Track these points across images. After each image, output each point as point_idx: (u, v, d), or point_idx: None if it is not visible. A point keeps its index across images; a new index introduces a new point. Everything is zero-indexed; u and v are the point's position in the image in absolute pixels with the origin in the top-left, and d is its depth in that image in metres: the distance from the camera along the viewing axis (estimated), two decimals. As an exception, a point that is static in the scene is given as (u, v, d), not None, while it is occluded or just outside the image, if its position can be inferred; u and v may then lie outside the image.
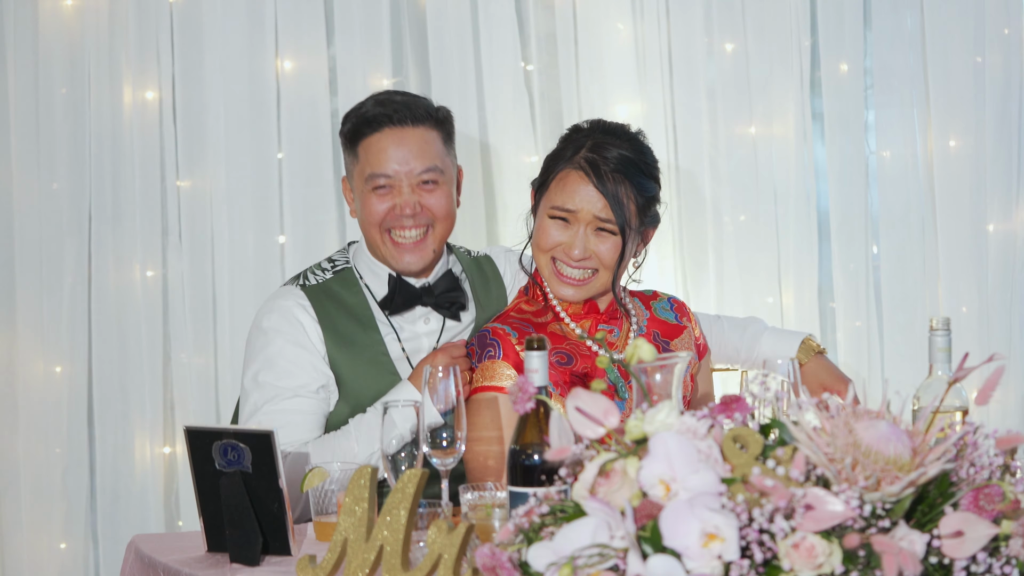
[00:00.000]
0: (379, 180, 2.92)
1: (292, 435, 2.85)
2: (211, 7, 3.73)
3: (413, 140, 2.93)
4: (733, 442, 1.88)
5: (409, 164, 2.92)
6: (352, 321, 2.95)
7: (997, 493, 1.87)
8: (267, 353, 2.91)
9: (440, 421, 2.47)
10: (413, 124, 2.93)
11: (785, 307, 4.01)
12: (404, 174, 2.92)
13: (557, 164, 2.89)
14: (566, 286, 2.88)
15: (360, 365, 2.92)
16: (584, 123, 2.96)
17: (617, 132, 2.91)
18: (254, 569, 2.40)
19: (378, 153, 2.92)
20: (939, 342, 2.67)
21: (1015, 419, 4.05)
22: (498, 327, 2.91)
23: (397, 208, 2.92)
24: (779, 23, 3.95)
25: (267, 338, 2.92)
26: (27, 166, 3.69)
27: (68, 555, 3.73)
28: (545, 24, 3.93)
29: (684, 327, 3.06)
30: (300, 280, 2.99)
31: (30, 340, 3.71)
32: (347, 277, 3.00)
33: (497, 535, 2.01)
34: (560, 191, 2.86)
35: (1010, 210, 4.05)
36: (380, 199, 2.92)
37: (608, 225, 2.84)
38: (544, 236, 2.88)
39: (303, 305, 2.93)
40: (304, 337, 2.91)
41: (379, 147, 2.92)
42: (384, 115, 2.93)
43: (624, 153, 2.85)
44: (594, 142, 2.87)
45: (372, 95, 3.03)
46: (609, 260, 2.86)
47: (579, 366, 2.89)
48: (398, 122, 2.92)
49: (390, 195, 2.92)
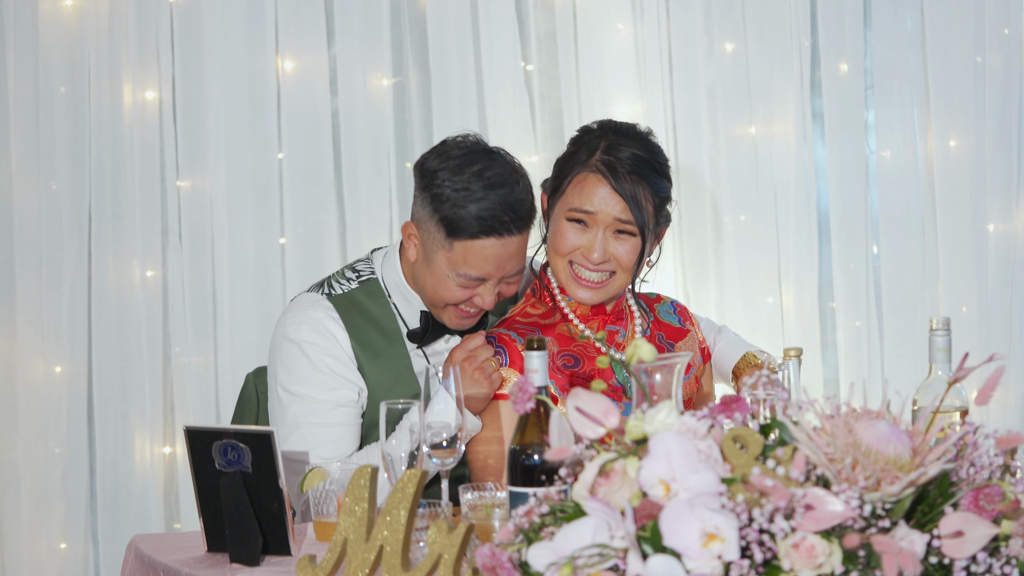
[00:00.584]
0: (470, 276, 2.80)
1: (337, 449, 2.82)
2: (211, 7, 3.73)
3: (515, 247, 2.81)
4: (733, 442, 1.88)
5: (505, 268, 2.81)
6: (379, 334, 2.92)
7: (997, 493, 1.87)
8: (302, 365, 2.86)
9: (456, 421, 2.46)
10: (520, 232, 2.80)
11: (785, 307, 4.01)
12: (498, 275, 2.82)
13: (572, 167, 2.85)
14: (584, 289, 2.86)
15: (386, 377, 2.89)
16: (593, 124, 2.93)
17: (629, 132, 2.89)
18: (254, 569, 2.40)
19: (478, 259, 2.79)
20: (939, 342, 2.67)
21: (1015, 419, 4.06)
22: (504, 333, 2.88)
23: (476, 299, 2.82)
24: (779, 23, 3.95)
25: (301, 349, 2.86)
26: (27, 166, 3.69)
27: (68, 555, 3.72)
28: (545, 24, 3.93)
29: (688, 330, 3.06)
30: (325, 288, 2.93)
31: (30, 340, 3.71)
32: (373, 288, 2.94)
33: (497, 535, 2.01)
34: (578, 194, 2.83)
35: (1010, 210, 4.05)
36: (463, 289, 2.81)
37: (627, 227, 2.82)
38: (562, 240, 2.85)
39: (333, 317, 2.88)
40: (338, 349, 2.86)
41: (481, 254, 2.78)
42: (495, 228, 2.76)
43: (638, 153, 2.84)
44: (608, 143, 2.84)
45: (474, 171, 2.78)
46: (628, 262, 2.85)
47: (586, 368, 2.88)
48: (507, 235, 2.78)
49: (473, 287, 2.82)
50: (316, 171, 3.81)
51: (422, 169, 2.84)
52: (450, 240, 2.78)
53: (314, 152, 3.81)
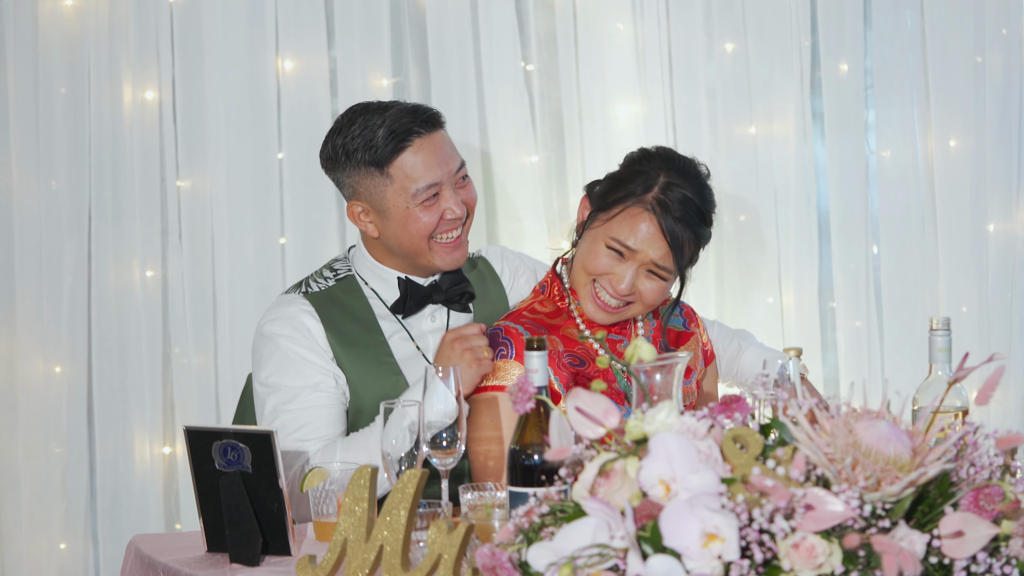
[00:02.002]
0: (431, 191, 2.87)
1: (317, 431, 2.84)
2: (211, 7, 3.73)
3: (439, 142, 2.90)
4: (733, 442, 1.88)
5: (448, 165, 2.90)
6: (355, 324, 2.95)
7: (997, 493, 1.87)
8: (276, 358, 2.89)
9: (452, 417, 2.46)
10: (431, 129, 2.91)
11: (785, 307, 4.01)
12: (446, 177, 2.89)
13: (625, 196, 2.83)
14: (600, 311, 2.87)
15: (364, 366, 2.92)
16: (654, 150, 2.91)
17: (689, 172, 2.87)
18: (254, 569, 2.40)
19: (417, 167, 2.87)
20: (939, 342, 2.67)
21: (1015, 419, 4.05)
22: (511, 326, 2.89)
23: (447, 213, 2.89)
24: (779, 23, 3.95)
25: (274, 343, 2.90)
26: (27, 166, 3.69)
27: (68, 555, 3.72)
28: (545, 24, 3.93)
29: (692, 333, 3.06)
30: (302, 288, 2.98)
31: (30, 340, 3.71)
32: (350, 284, 2.99)
33: (497, 535, 2.01)
34: (626, 228, 2.82)
35: (1010, 210, 4.05)
36: (428, 211, 2.88)
37: (662, 272, 2.84)
38: (595, 261, 2.84)
39: (307, 311, 2.92)
40: (311, 341, 2.89)
41: (415, 161, 2.87)
42: (410, 131, 2.87)
43: (692, 198, 2.82)
44: (667, 181, 2.82)
45: (362, 115, 2.92)
46: (650, 300, 2.87)
47: (591, 369, 2.88)
48: (422, 133, 2.88)
49: (436, 203, 2.89)
50: (316, 171, 3.78)
51: (325, 158, 2.98)
52: (385, 171, 2.87)
53: (314, 152, 3.78)
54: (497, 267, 3.16)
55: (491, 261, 3.17)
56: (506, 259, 3.18)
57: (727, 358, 3.15)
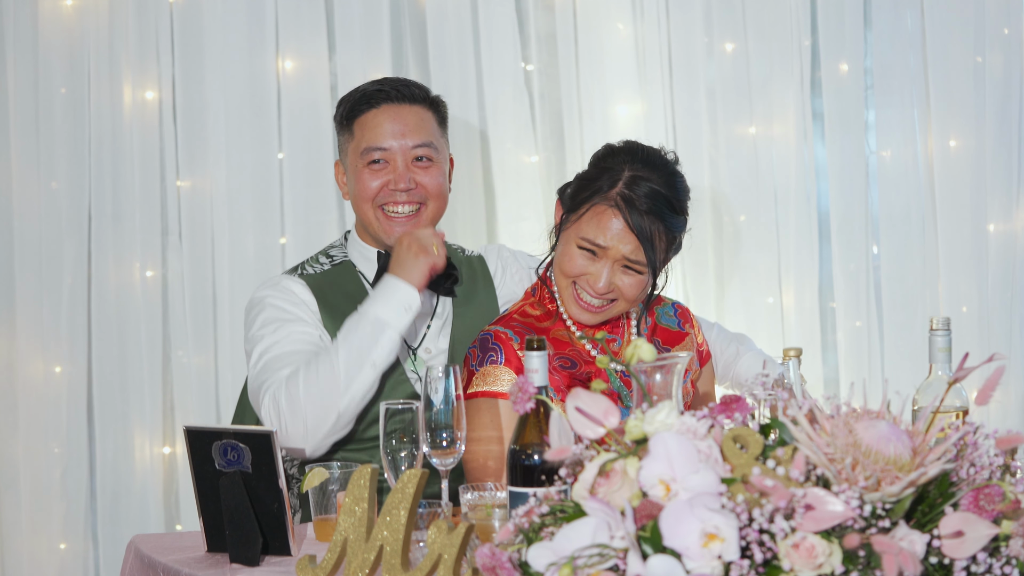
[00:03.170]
0: (375, 154, 2.95)
1: (307, 347, 2.88)
2: (211, 7, 3.73)
3: (409, 116, 2.97)
4: (733, 442, 1.88)
5: (405, 138, 2.96)
6: (348, 300, 2.97)
7: (997, 493, 1.87)
8: (262, 316, 2.93)
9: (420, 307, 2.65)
10: (410, 102, 2.99)
11: (785, 307, 4.01)
12: (399, 148, 2.96)
13: (591, 194, 2.81)
14: (583, 311, 2.87)
15: None
16: (619, 145, 2.89)
17: (654, 163, 2.83)
18: (254, 569, 2.40)
19: (374, 128, 2.96)
20: (939, 342, 2.67)
21: (1015, 419, 4.06)
22: (500, 331, 2.88)
23: (391, 183, 2.95)
24: (779, 23, 3.96)
25: (263, 304, 2.95)
26: (27, 166, 3.69)
27: (68, 555, 3.73)
28: (545, 24, 3.93)
29: (686, 333, 3.05)
30: (298, 271, 3.02)
31: (30, 340, 3.71)
32: (346, 268, 3.03)
33: (497, 535, 2.01)
34: (593, 226, 2.80)
35: (1010, 210, 4.05)
36: (374, 174, 2.96)
37: (636, 265, 2.82)
38: (570, 263, 2.84)
39: (300, 284, 2.97)
40: (302, 305, 2.94)
41: (375, 122, 2.96)
42: (381, 92, 2.98)
43: (659, 190, 2.78)
44: (631, 175, 2.79)
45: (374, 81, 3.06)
46: (631, 295, 2.85)
47: (583, 370, 2.88)
48: (395, 99, 2.97)
49: (384, 170, 2.96)
50: (316, 171, 3.82)
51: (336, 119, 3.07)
52: (351, 127, 2.98)
53: (314, 152, 3.82)
54: (492, 267, 3.17)
55: (488, 260, 3.17)
56: (501, 256, 3.19)
57: (724, 361, 3.14)
